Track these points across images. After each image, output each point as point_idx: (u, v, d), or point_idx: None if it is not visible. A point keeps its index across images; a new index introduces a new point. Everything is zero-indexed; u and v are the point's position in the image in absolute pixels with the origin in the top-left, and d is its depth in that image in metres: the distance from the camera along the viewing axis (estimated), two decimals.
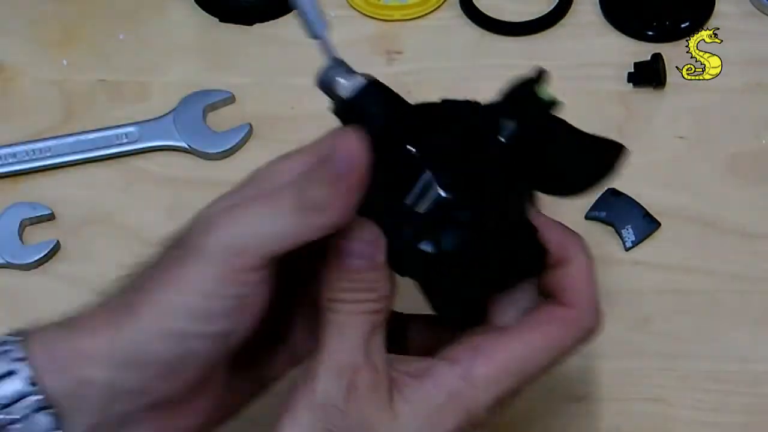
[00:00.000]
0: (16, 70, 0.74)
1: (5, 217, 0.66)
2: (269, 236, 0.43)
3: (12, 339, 0.44)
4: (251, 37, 0.74)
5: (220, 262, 0.42)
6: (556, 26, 0.73)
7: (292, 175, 0.46)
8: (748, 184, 0.66)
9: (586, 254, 0.46)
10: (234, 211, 0.44)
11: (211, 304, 0.42)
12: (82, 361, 0.43)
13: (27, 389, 0.42)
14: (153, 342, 0.42)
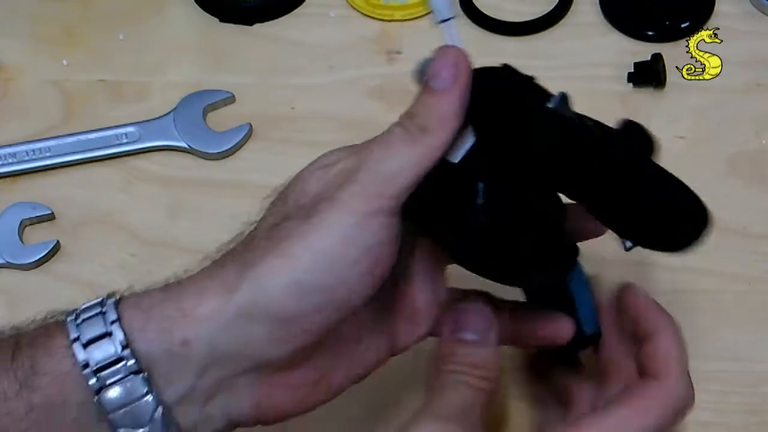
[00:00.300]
0: (16, 70, 0.74)
1: (5, 217, 0.66)
2: (393, 174, 0.43)
3: (109, 301, 0.44)
4: (251, 37, 0.74)
5: (355, 209, 0.42)
6: (556, 26, 0.73)
7: None
8: (748, 184, 0.66)
9: (673, 327, 0.49)
10: (353, 167, 0.44)
11: (344, 251, 0.42)
12: (183, 322, 0.43)
13: (119, 353, 0.42)
14: (277, 295, 0.42)
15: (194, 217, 0.67)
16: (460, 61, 0.45)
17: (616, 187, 0.45)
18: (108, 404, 0.42)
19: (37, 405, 0.42)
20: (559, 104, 0.45)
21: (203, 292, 0.43)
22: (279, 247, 0.43)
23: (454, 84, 0.45)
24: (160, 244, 0.66)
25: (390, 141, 0.45)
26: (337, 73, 0.72)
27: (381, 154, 0.44)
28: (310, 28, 0.74)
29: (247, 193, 0.67)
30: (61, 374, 0.43)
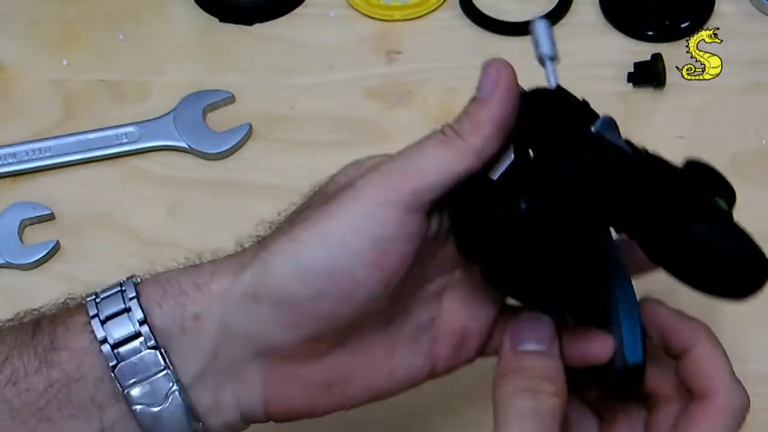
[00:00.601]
0: (16, 70, 0.74)
1: (5, 217, 0.66)
2: (416, 169, 0.42)
3: (130, 280, 0.44)
4: (251, 37, 0.74)
5: (370, 197, 0.41)
6: (556, 26, 0.73)
7: None
8: (748, 184, 0.66)
9: (707, 334, 0.46)
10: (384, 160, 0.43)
11: (351, 239, 0.41)
12: (197, 296, 0.43)
13: (137, 329, 0.43)
14: (281, 277, 0.42)
15: (194, 217, 0.67)
16: (501, 71, 0.45)
17: (659, 223, 0.42)
18: (125, 380, 0.43)
19: (56, 380, 0.43)
20: (602, 128, 0.43)
21: (217, 269, 0.44)
22: (292, 231, 0.42)
23: (493, 92, 0.44)
24: (160, 244, 0.66)
25: (423, 142, 0.44)
26: (337, 73, 0.72)
27: (410, 152, 0.43)
28: (310, 28, 0.74)
29: (247, 193, 0.67)
30: (80, 350, 0.43)
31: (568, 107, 0.45)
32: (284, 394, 0.45)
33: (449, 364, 0.48)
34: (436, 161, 0.42)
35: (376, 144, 0.69)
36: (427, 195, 0.42)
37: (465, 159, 0.43)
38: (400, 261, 0.43)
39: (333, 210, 0.42)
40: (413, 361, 0.47)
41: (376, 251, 0.42)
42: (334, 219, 0.42)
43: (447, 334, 0.47)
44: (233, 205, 0.67)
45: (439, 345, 0.47)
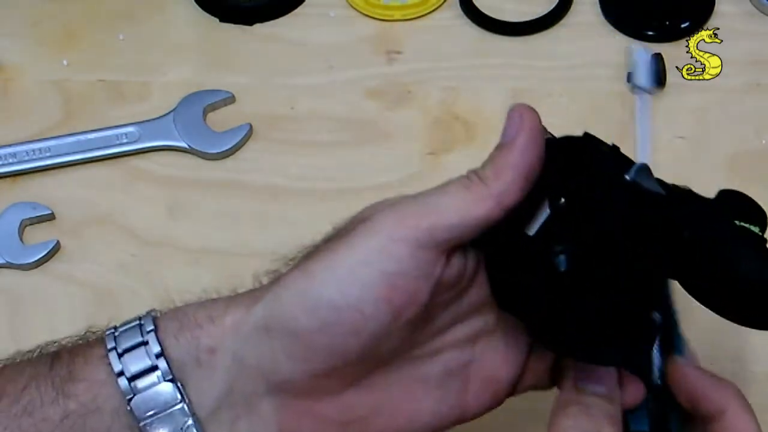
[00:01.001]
0: (16, 70, 0.74)
1: (5, 217, 0.66)
2: (436, 208, 0.42)
3: (148, 315, 0.44)
4: (251, 37, 0.74)
5: (384, 232, 0.41)
6: (556, 26, 0.73)
7: None
8: (748, 184, 0.66)
9: (738, 399, 0.44)
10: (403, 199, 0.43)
11: (360, 273, 0.41)
12: (211, 329, 0.43)
13: (154, 362, 0.43)
14: (290, 309, 0.42)
15: (194, 217, 0.67)
16: (525, 116, 0.43)
17: (699, 262, 0.42)
18: (141, 413, 0.43)
19: (72, 411, 0.43)
20: (637, 175, 0.42)
21: (232, 302, 0.44)
22: (305, 264, 0.42)
23: (516, 137, 0.43)
24: (160, 244, 0.66)
25: (447, 184, 0.43)
26: (337, 73, 0.72)
27: (431, 192, 0.43)
28: (310, 28, 0.74)
29: (247, 193, 0.67)
30: (97, 381, 0.43)
31: (599, 155, 0.44)
32: (299, 430, 0.45)
33: (479, 411, 0.47)
34: (455, 202, 0.42)
35: (376, 144, 0.69)
36: (442, 234, 0.42)
37: (485, 203, 0.42)
38: (411, 297, 0.42)
39: (346, 243, 0.42)
40: (440, 406, 0.46)
41: (385, 285, 0.41)
42: (346, 252, 0.42)
43: (481, 381, 0.47)
44: (233, 205, 0.67)
45: (470, 391, 0.47)
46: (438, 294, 0.43)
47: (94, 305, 0.63)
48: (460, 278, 0.44)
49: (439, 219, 0.42)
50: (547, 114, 0.72)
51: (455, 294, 0.45)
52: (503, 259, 0.43)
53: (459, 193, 0.42)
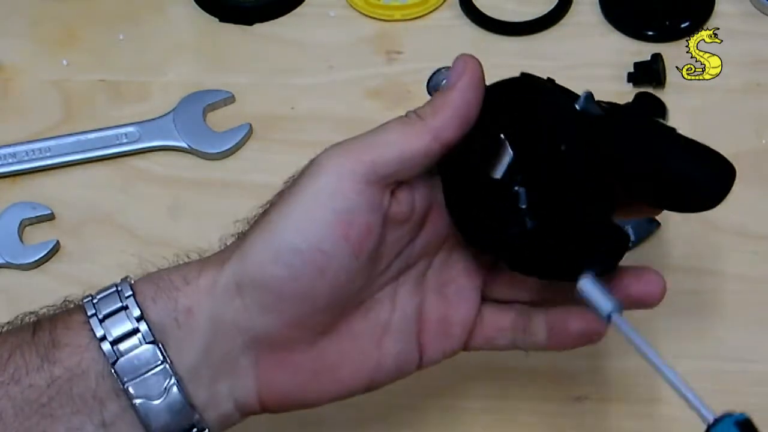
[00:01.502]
0: (16, 70, 0.74)
1: (5, 217, 0.66)
2: (376, 142, 0.45)
3: (124, 281, 0.46)
4: (251, 37, 0.74)
5: (331, 172, 0.44)
6: (556, 26, 0.73)
7: None
8: (748, 184, 0.66)
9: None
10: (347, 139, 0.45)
11: (316, 216, 0.43)
12: (187, 290, 0.44)
13: (135, 325, 0.44)
14: (258, 263, 0.44)
15: (194, 217, 0.67)
16: (468, 63, 0.47)
17: (645, 165, 0.46)
18: (124, 374, 0.44)
19: (58, 377, 0.44)
20: (585, 103, 0.47)
21: (204, 264, 0.46)
22: (264, 218, 0.45)
23: (457, 81, 0.46)
24: (160, 244, 0.66)
25: (386, 123, 0.46)
26: (337, 73, 0.72)
27: (372, 130, 0.46)
28: (310, 28, 0.74)
29: (247, 193, 0.67)
30: (80, 347, 0.44)
31: (545, 91, 0.48)
32: (276, 383, 0.46)
33: (435, 355, 0.49)
34: (394, 137, 0.45)
35: None
36: (384, 169, 0.44)
37: (423, 137, 0.45)
38: (366, 231, 0.44)
39: (298, 188, 0.44)
40: (401, 350, 0.49)
41: (340, 222, 0.44)
42: (299, 196, 0.44)
43: (430, 323, 0.49)
44: (233, 205, 0.66)
45: (424, 334, 0.49)
46: (389, 229, 0.46)
47: None
48: (410, 215, 0.47)
49: (379, 154, 0.45)
50: None
51: (406, 234, 0.47)
52: (469, 203, 0.46)
53: (398, 129, 0.45)
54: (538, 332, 0.49)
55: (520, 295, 0.50)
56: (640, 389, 0.59)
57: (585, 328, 0.48)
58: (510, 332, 0.50)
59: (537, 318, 0.49)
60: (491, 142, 0.46)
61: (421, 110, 0.46)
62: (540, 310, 0.50)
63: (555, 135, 0.46)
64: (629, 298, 0.47)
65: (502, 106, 0.47)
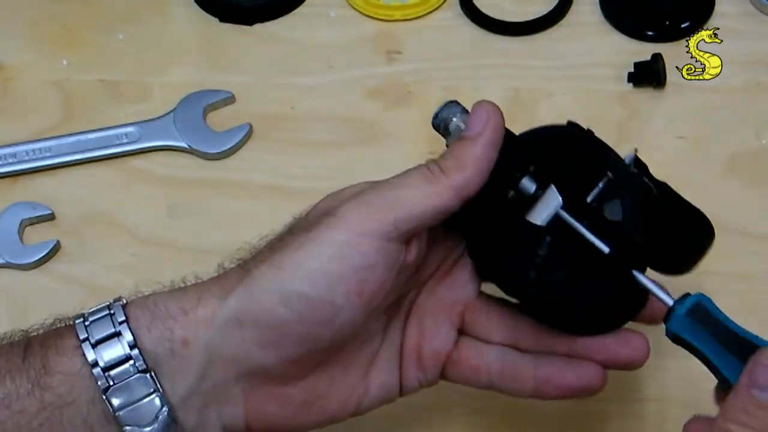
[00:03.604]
0: (16, 70, 0.74)
1: (5, 217, 0.66)
2: (399, 201, 0.44)
3: (116, 303, 0.45)
4: (251, 37, 0.74)
5: (351, 226, 0.43)
6: (556, 26, 0.73)
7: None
8: (748, 184, 0.66)
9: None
10: (366, 189, 0.45)
11: (331, 267, 0.43)
12: (184, 321, 0.44)
13: (128, 352, 0.44)
14: (263, 302, 0.43)
15: (194, 217, 0.67)
16: (491, 114, 0.46)
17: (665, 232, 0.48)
18: (116, 402, 0.44)
19: (49, 403, 0.44)
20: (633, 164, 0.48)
21: (203, 294, 0.45)
22: (274, 257, 0.44)
23: (482, 133, 0.45)
24: (160, 244, 0.66)
25: (408, 174, 0.45)
26: (337, 73, 0.72)
27: (394, 183, 0.45)
28: (310, 28, 0.74)
29: (247, 193, 0.67)
30: (72, 373, 0.44)
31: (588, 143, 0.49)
32: (265, 413, 0.47)
33: (412, 384, 0.50)
34: (419, 194, 0.44)
35: (376, 144, 0.69)
36: (406, 226, 0.44)
37: (446, 195, 0.45)
38: (380, 288, 0.44)
39: (314, 237, 0.44)
40: (386, 380, 0.49)
41: (355, 279, 0.44)
42: (316, 246, 0.43)
43: (407, 352, 0.49)
44: (233, 205, 0.67)
45: (403, 362, 0.50)
46: (398, 277, 0.46)
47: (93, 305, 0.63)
48: (418, 261, 0.47)
49: (403, 212, 0.44)
50: (547, 114, 0.72)
51: (410, 276, 0.48)
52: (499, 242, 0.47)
53: (421, 186, 0.44)
54: (524, 380, 0.49)
55: (503, 337, 0.50)
56: (640, 389, 0.59)
57: (585, 383, 0.48)
58: (486, 373, 0.49)
59: (523, 365, 0.49)
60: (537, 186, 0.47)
61: (444, 163, 0.45)
62: (528, 358, 0.49)
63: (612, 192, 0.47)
64: (614, 362, 0.48)
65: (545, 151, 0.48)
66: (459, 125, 0.48)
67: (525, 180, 0.47)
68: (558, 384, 0.48)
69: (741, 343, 0.45)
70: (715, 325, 0.46)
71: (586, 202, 0.47)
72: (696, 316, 0.45)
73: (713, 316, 0.46)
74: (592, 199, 0.47)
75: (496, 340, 0.50)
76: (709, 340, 0.46)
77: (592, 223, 0.46)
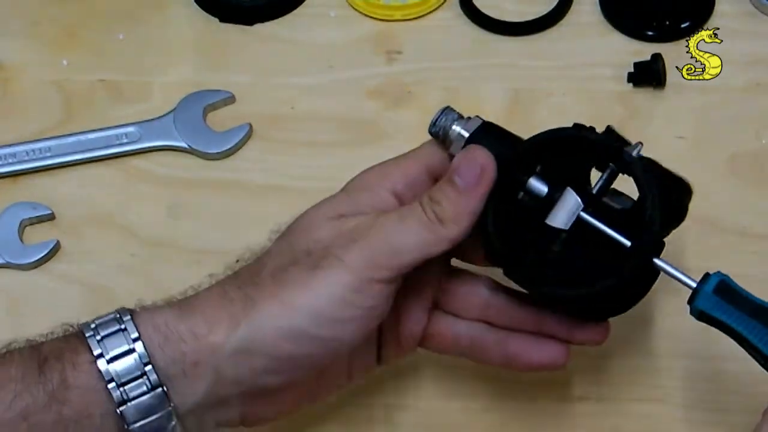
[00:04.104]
0: (16, 70, 0.74)
1: (5, 217, 0.66)
2: (401, 249, 0.47)
3: (126, 318, 0.47)
4: (251, 37, 0.74)
5: (357, 273, 0.46)
6: (556, 26, 0.73)
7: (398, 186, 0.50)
8: (748, 184, 0.66)
9: None
10: (366, 227, 0.48)
11: (338, 310, 0.46)
12: (196, 346, 0.46)
13: (141, 369, 0.46)
14: (272, 337, 0.46)
15: (194, 217, 0.67)
16: (486, 167, 0.48)
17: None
18: (130, 417, 0.46)
19: (65, 416, 0.46)
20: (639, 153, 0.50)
21: (213, 321, 0.47)
22: (281, 293, 0.47)
23: (476, 187, 0.48)
24: (160, 244, 0.66)
25: (407, 217, 0.48)
26: (337, 73, 0.72)
27: (395, 227, 0.48)
28: (310, 28, 0.74)
29: (247, 193, 0.67)
30: (89, 388, 0.46)
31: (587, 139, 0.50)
32: (259, 412, 0.50)
33: (392, 358, 0.54)
34: (418, 244, 0.48)
35: (376, 144, 0.69)
36: (406, 270, 0.48)
37: (442, 245, 0.48)
38: (381, 319, 0.49)
39: (322, 278, 0.47)
40: (368, 363, 0.53)
41: (361, 319, 0.47)
42: (323, 288, 0.47)
43: (386, 338, 0.53)
44: (233, 205, 0.67)
45: (384, 348, 0.53)
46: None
47: (94, 305, 0.63)
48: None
49: (404, 260, 0.48)
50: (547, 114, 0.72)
51: None
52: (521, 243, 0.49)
53: (421, 234, 0.48)
54: (492, 355, 0.53)
55: (475, 314, 0.53)
56: (640, 389, 0.59)
57: (549, 360, 0.52)
58: (456, 346, 0.53)
59: (493, 341, 0.53)
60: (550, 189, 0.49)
61: (441, 213, 0.48)
62: (498, 334, 0.53)
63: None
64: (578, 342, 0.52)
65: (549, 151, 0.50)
66: (460, 133, 0.50)
67: (533, 180, 0.49)
68: (525, 361, 0.52)
69: None
70: (743, 301, 0.47)
71: (594, 195, 0.49)
72: (723, 295, 0.47)
73: (739, 293, 0.48)
74: (598, 192, 0.49)
75: (468, 316, 0.53)
76: (741, 316, 0.47)
77: (605, 216, 0.48)
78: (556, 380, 0.59)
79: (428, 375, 0.60)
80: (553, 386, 0.59)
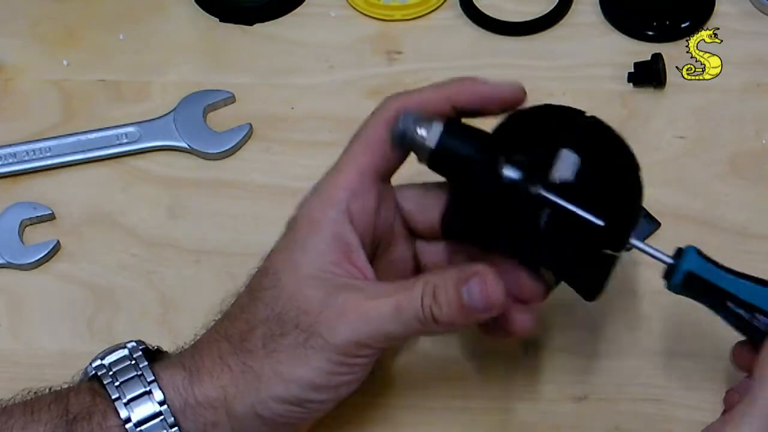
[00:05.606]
0: (16, 70, 0.74)
1: (5, 217, 0.66)
2: (390, 335, 0.50)
3: (150, 378, 0.51)
4: (251, 37, 0.74)
5: (344, 352, 0.49)
6: (556, 26, 0.73)
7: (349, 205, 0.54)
8: (748, 184, 0.66)
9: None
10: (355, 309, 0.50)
11: (329, 380, 0.50)
12: (215, 412, 0.50)
13: (159, 409, 0.50)
14: (272, 403, 0.50)
15: (194, 217, 0.67)
16: (496, 304, 0.49)
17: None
18: None
19: None
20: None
21: (225, 389, 0.50)
22: (277, 366, 0.50)
23: (480, 313, 0.49)
24: (160, 244, 0.66)
25: (404, 310, 0.49)
26: (337, 73, 0.72)
27: (389, 317, 0.49)
28: (310, 28, 0.74)
29: (247, 193, 0.67)
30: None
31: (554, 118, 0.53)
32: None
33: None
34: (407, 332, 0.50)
35: None
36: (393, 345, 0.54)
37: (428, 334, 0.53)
38: (371, 367, 0.52)
39: (311, 357, 0.49)
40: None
41: (352, 384, 0.51)
42: (315, 363, 0.50)
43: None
44: (233, 205, 0.67)
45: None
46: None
47: (94, 305, 0.63)
48: None
49: (393, 342, 0.52)
50: None
51: None
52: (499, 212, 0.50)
53: (413, 326, 0.49)
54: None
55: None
56: (640, 389, 0.59)
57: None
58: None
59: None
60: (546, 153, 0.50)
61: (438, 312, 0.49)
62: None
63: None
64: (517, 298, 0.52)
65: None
66: (422, 134, 0.51)
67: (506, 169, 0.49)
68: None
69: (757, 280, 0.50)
70: (722, 266, 0.50)
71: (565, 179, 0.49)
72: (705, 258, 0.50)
73: (715, 261, 0.50)
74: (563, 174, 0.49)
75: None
76: (727, 276, 0.50)
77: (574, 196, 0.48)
78: (557, 380, 0.59)
79: (428, 375, 0.60)
80: (553, 386, 0.59)
